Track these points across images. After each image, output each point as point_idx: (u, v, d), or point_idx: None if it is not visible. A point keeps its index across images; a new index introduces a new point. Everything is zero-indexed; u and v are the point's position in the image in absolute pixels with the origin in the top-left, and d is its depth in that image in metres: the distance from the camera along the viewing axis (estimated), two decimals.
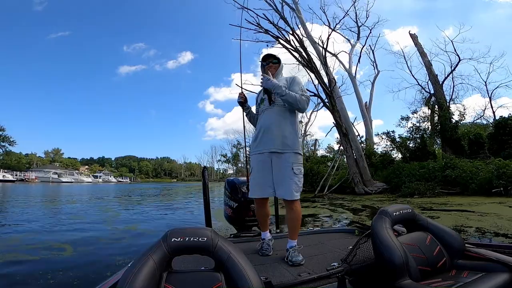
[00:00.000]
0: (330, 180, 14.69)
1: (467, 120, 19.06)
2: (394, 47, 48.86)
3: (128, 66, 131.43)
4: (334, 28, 16.78)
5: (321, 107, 14.63)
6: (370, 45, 21.53)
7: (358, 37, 20.29)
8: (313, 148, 29.85)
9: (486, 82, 18.96)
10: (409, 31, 19.32)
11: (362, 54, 20.94)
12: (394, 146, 17.78)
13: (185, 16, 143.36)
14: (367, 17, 19.08)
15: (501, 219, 5.60)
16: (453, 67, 18.07)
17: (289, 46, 13.49)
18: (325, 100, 13.80)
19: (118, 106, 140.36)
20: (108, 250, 4.16)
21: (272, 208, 2.33)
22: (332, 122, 14.21)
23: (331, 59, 18.60)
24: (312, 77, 13.49)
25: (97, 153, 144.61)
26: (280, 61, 2.05)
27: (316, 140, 31.51)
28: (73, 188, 30.75)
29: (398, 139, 17.72)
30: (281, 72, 2.05)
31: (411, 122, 18.79)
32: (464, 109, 17.64)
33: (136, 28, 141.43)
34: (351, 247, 1.52)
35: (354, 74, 19.85)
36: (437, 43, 26.68)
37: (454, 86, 18.59)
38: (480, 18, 50.95)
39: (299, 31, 14.90)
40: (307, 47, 13.94)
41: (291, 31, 13.71)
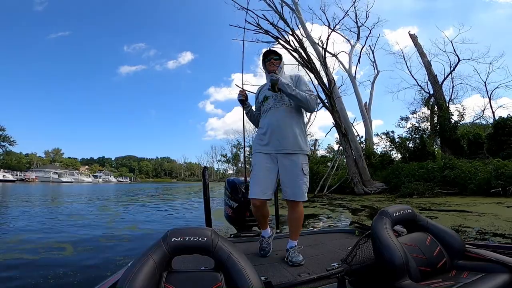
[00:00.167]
0: (330, 180, 14.72)
1: (467, 121, 19.13)
2: (394, 48, 48.91)
3: (128, 66, 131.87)
4: (334, 28, 16.82)
5: (321, 108, 14.62)
6: (370, 45, 21.62)
7: (358, 38, 20.37)
8: (313, 148, 29.84)
9: (486, 83, 19.07)
10: (409, 32, 19.40)
11: (362, 55, 21.05)
12: (394, 147, 17.78)
13: (185, 16, 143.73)
14: (367, 18, 19.18)
15: (499, 220, 5.62)
16: (453, 68, 18.18)
17: (289, 47, 13.53)
18: (325, 101, 13.84)
19: (118, 106, 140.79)
20: (108, 250, 4.17)
21: (272, 208, 2.33)
22: (332, 123, 14.25)
23: (331, 60, 18.65)
24: (312, 78, 13.50)
25: (97, 153, 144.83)
26: (281, 57, 1.98)
27: (316, 140, 31.52)
28: (73, 188, 30.73)
29: (398, 140, 17.73)
30: (283, 69, 1.98)
31: (411, 123, 18.84)
32: (463, 110, 17.69)
33: (136, 28, 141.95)
34: (351, 248, 1.52)
35: (354, 75, 19.90)
36: (437, 44, 26.72)
37: (454, 87, 18.72)
38: (480, 18, 51.11)
39: (299, 32, 14.96)
40: (307, 48, 13.98)
41: (291, 32, 13.75)
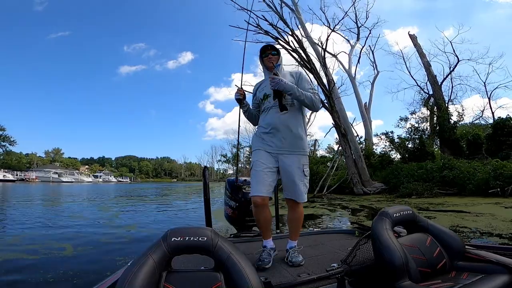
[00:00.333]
0: (329, 180, 14.79)
1: (467, 121, 19.14)
2: (394, 48, 49.01)
3: (128, 66, 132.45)
4: (334, 29, 16.87)
5: (321, 108, 14.66)
6: (370, 46, 21.60)
7: (358, 38, 20.34)
8: (313, 149, 29.89)
9: (485, 83, 19.05)
10: (409, 32, 19.42)
11: (362, 55, 21.01)
12: (393, 147, 17.83)
13: (185, 16, 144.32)
14: (367, 18, 19.11)
15: (496, 220, 5.65)
16: (452, 68, 18.20)
17: (289, 47, 13.58)
18: (324, 101, 13.89)
19: (118, 106, 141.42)
20: (108, 250, 4.19)
21: (272, 208, 2.37)
22: (331, 123, 14.32)
23: (331, 60, 18.67)
24: (311, 78, 13.56)
25: (97, 153, 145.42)
26: (280, 53, 1.91)
27: (316, 141, 31.59)
28: (74, 188, 30.74)
29: (397, 140, 17.77)
30: (282, 65, 1.91)
31: (410, 123, 18.89)
32: (463, 110, 17.71)
33: (136, 28, 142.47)
34: (351, 248, 1.52)
35: (354, 75, 19.90)
36: (436, 44, 26.61)
37: (453, 87, 18.75)
38: (480, 18, 51.26)
39: (299, 32, 15.02)
40: (307, 48, 14.03)
41: (291, 32, 13.81)
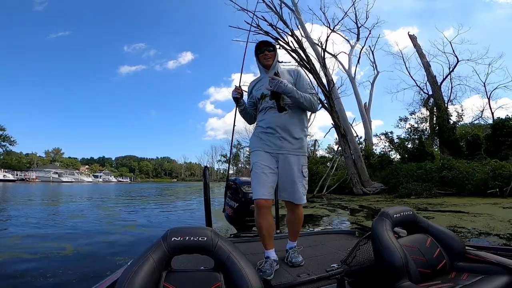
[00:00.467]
0: (329, 181, 14.84)
1: (467, 121, 19.19)
2: (394, 48, 48.96)
3: (128, 66, 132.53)
4: (334, 29, 16.94)
5: (320, 108, 14.71)
6: (370, 46, 21.66)
7: (358, 38, 20.39)
8: (313, 149, 29.94)
9: (485, 83, 19.11)
10: (408, 32, 19.47)
11: (362, 55, 21.06)
12: (393, 147, 17.88)
13: (185, 16, 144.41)
14: (367, 18, 19.18)
15: (494, 220, 5.68)
16: (452, 68, 18.26)
17: (288, 48, 13.63)
18: (324, 102, 13.94)
19: (118, 106, 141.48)
20: (108, 250, 4.20)
21: (272, 208, 2.40)
22: (331, 123, 14.38)
23: (331, 60, 18.71)
24: (311, 78, 13.60)
25: (98, 153, 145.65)
26: (276, 48, 1.84)
27: (316, 141, 31.63)
28: (74, 188, 30.79)
29: (397, 140, 17.82)
30: (277, 62, 1.85)
31: (409, 123, 18.93)
32: (462, 110, 17.76)
33: (136, 28, 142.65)
34: (351, 249, 1.52)
35: (354, 75, 19.96)
36: (436, 45, 26.84)
37: (452, 87, 18.81)
38: (480, 18, 51.30)
39: (299, 32, 15.07)
40: (306, 49, 14.09)
41: (290, 33, 13.86)
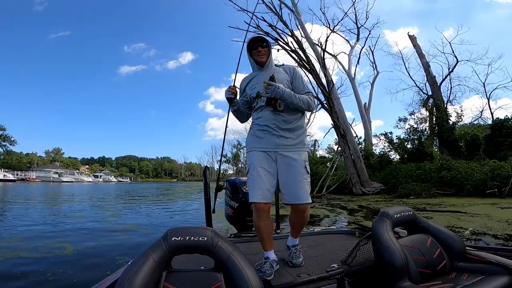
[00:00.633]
0: (329, 181, 14.89)
1: (467, 121, 19.20)
2: (394, 48, 48.84)
3: (128, 66, 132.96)
4: (334, 29, 17.00)
5: (320, 109, 14.77)
6: (370, 46, 21.72)
7: (358, 38, 20.44)
8: (313, 149, 29.96)
9: (484, 84, 19.12)
10: (408, 33, 19.54)
11: (362, 55, 21.12)
12: (392, 147, 17.91)
13: (185, 16, 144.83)
14: (367, 18, 19.24)
15: (491, 220, 5.72)
16: (451, 69, 18.29)
17: (288, 48, 13.68)
18: (324, 102, 13.99)
19: (118, 106, 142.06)
20: (108, 249, 4.21)
21: (272, 208, 2.41)
22: (331, 123, 14.43)
23: (330, 61, 18.80)
24: (311, 79, 13.66)
25: (98, 153, 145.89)
26: (269, 44, 1.75)
27: (316, 141, 31.65)
28: (74, 188, 30.81)
29: (396, 140, 17.86)
30: (271, 59, 1.75)
31: (409, 124, 18.97)
32: (462, 111, 17.77)
33: (136, 28, 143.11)
34: (351, 249, 1.51)
35: (353, 75, 20.01)
36: (435, 45, 26.86)
37: (452, 88, 18.84)
38: (480, 19, 51.25)
39: (299, 33, 15.11)
40: (306, 49, 14.13)
41: (290, 33, 13.90)
